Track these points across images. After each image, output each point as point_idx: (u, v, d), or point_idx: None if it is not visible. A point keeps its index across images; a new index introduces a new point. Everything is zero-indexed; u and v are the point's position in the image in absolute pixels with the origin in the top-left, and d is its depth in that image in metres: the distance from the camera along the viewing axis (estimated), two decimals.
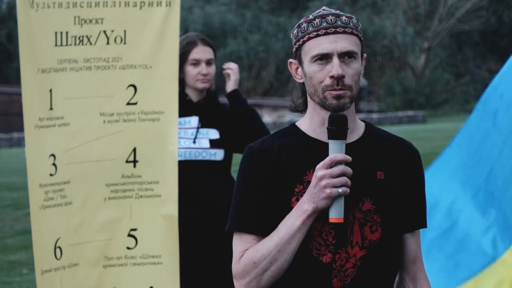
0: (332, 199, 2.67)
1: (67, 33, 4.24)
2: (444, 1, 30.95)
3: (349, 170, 2.68)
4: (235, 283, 2.77)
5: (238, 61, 36.08)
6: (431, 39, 32.70)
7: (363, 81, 28.35)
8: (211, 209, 4.94)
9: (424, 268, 2.90)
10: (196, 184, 4.93)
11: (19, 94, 4.14)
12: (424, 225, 2.90)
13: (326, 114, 2.76)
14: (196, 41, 4.98)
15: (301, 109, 2.88)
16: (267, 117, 29.26)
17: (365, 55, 2.83)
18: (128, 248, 4.46)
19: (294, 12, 37.96)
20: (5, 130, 27.35)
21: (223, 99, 5.24)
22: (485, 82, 28.47)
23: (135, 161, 4.43)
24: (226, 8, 39.45)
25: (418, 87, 31.54)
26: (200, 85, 4.99)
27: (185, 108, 4.93)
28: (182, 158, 4.88)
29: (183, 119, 4.94)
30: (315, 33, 2.75)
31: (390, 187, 2.79)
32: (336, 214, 2.69)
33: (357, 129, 2.83)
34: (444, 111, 30.68)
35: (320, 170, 2.67)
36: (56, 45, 4.22)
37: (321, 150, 2.75)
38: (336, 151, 2.70)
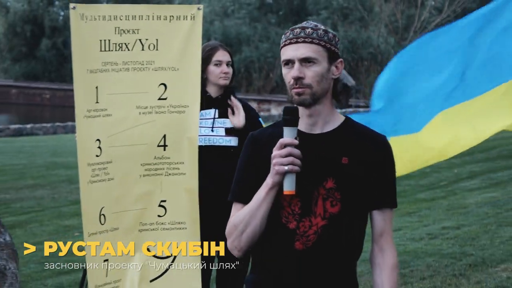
0: (282, 175, 2.67)
1: (109, 40, 4.23)
2: (418, 17, 30.83)
3: (296, 151, 2.66)
4: (227, 241, 2.84)
5: (250, 64, 36.10)
6: None
7: (352, 81, 28.18)
8: (224, 186, 4.92)
9: (391, 241, 2.82)
10: (213, 166, 4.92)
11: (73, 90, 4.13)
12: (393, 205, 2.82)
13: (302, 108, 2.77)
14: (217, 47, 5.01)
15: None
16: (274, 110, 29.22)
17: (340, 60, 2.79)
18: (159, 216, 4.45)
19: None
20: (62, 119, 27.43)
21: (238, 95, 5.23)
22: None
23: (165, 146, 4.42)
24: (241, 21, 39.39)
25: None
26: (222, 82, 4.99)
27: (205, 102, 4.93)
28: (202, 144, 4.87)
29: (203, 111, 4.93)
30: (283, 43, 2.79)
31: (352, 171, 2.74)
32: (288, 187, 2.68)
33: (332, 122, 2.80)
34: None
35: (273, 151, 2.69)
36: (101, 50, 4.20)
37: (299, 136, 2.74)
38: (288, 136, 2.68)
